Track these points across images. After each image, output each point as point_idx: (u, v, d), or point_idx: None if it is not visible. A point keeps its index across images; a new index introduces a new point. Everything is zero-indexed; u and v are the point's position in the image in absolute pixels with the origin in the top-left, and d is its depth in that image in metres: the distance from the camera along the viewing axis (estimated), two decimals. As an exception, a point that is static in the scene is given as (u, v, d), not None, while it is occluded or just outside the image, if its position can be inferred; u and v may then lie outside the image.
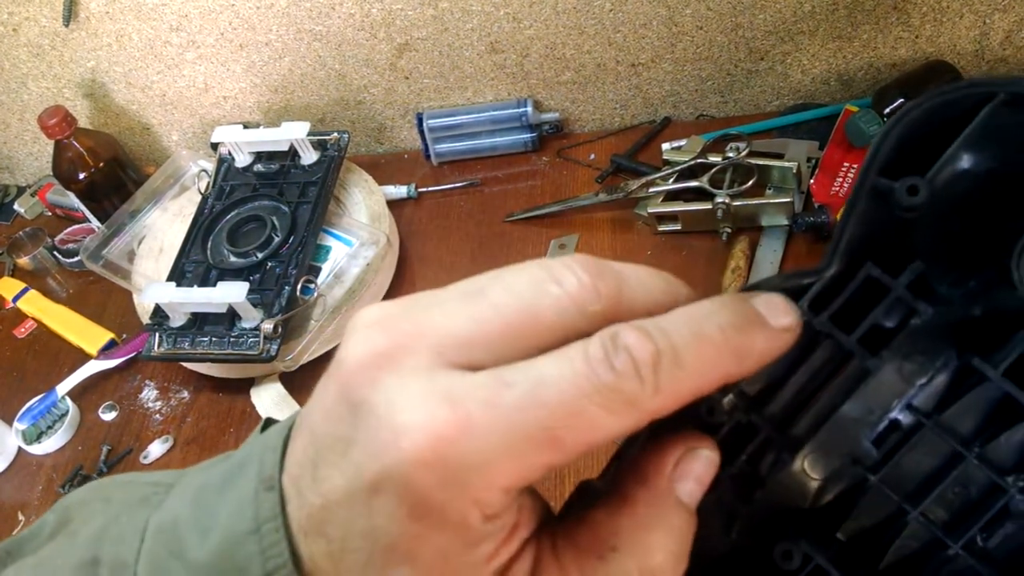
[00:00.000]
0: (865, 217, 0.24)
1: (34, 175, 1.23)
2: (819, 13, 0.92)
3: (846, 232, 0.24)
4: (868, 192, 0.24)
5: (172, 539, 0.24)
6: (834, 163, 0.90)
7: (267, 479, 0.23)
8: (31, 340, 1.01)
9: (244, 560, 0.23)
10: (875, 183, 0.23)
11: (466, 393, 0.20)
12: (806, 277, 0.23)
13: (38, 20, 1.03)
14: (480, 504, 0.20)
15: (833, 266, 0.24)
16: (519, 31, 0.97)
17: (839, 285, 0.24)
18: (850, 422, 0.24)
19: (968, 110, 0.23)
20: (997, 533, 0.24)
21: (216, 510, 0.24)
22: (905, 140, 0.23)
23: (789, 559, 0.24)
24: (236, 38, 1.02)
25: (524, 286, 0.22)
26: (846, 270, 0.24)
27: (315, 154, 0.91)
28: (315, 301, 0.84)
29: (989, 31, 0.92)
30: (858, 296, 0.24)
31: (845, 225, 0.24)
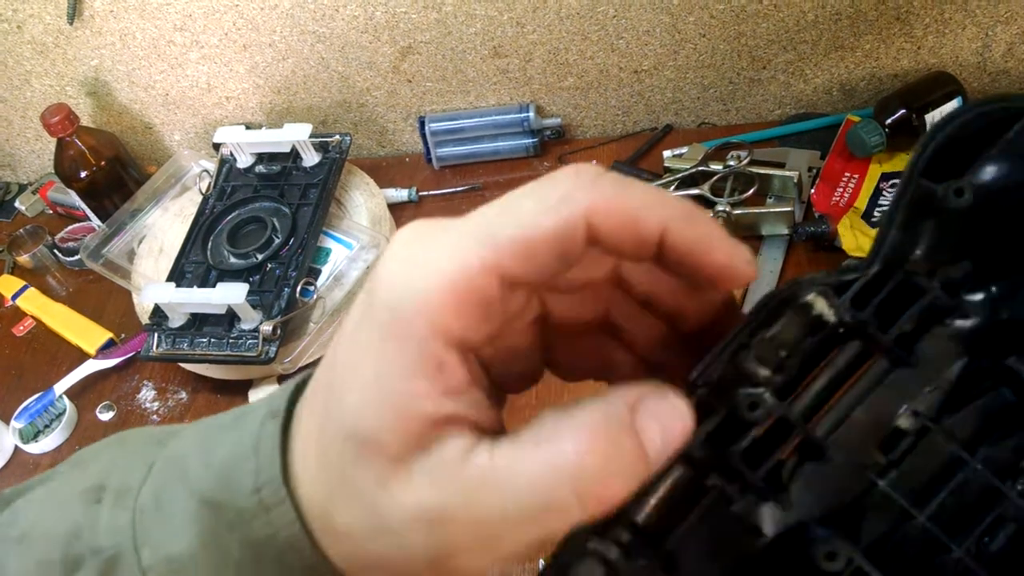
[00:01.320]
0: (908, 219, 0.24)
1: (36, 173, 1.23)
2: (822, 23, 0.92)
3: (890, 233, 0.24)
4: (913, 194, 0.24)
5: (177, 467, 0.26)
6: (835, 173, 0.90)
7: (274, 411, 0.25)
8: (30, 338, 1.01)
9: (239, 477, 0.24)
10: (920, 186, 0.24)
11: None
12: (849, 273, 0.24)
13: (42, 18, 1.03)
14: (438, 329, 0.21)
15: (876, 264, 0.24)
16: (522, 36, 0.98)
17: (878, 285, 0.24)
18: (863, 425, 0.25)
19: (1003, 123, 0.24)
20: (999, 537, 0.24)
21: (222, 441, 0.25)
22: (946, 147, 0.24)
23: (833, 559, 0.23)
24: (240, 39, 1.02)
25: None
26: (885, 270, 0.24)
27: (317, 156, 0.92)
28: (315, 303, 0.84)
29: (991, 43, 0.93)
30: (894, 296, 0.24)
31: (889, 224, 0.24)
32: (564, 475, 0.20)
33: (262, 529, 0.23)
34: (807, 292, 0.24)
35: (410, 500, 0.21)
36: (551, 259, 0.22)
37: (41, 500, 0.28)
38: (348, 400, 0.22)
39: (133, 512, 0.25)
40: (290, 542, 0.23)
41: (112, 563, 0.25)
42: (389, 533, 0.22)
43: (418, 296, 0.21)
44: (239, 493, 0.24)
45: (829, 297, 0.24)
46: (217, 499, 0.24)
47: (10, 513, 0.29)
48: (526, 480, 0.21)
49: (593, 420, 0.21)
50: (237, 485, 0.24)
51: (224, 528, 0.24)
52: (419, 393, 0.21)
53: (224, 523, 0.24)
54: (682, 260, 0.23)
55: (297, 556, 0.23)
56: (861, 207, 0.87)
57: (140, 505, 0.25)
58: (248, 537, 0.24)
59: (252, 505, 0.23)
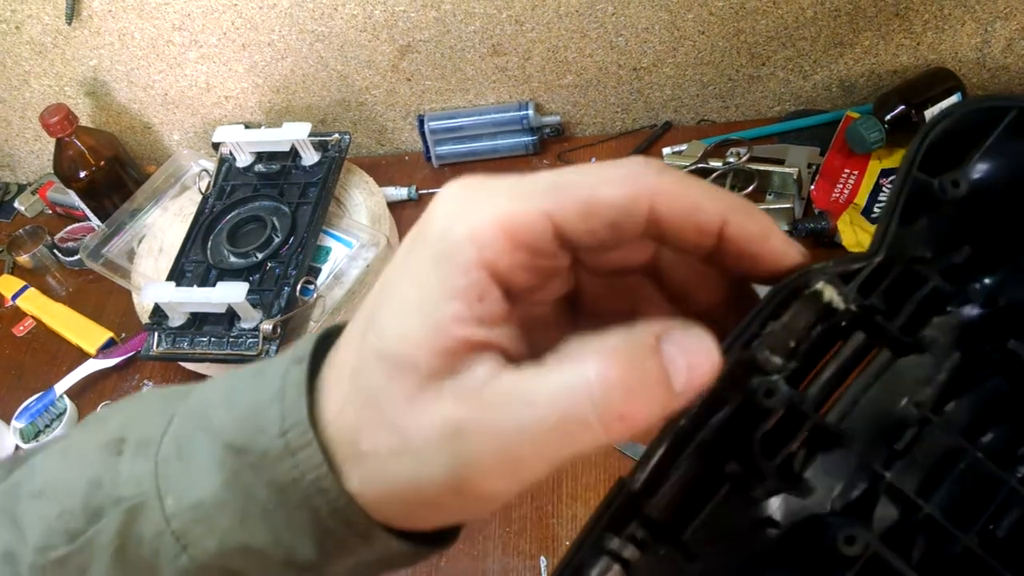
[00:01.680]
0: (907, 210, 0.25)
1: (35, 173, 1.23)
2: (821, 19, 0.92)
3: (891, 223, 0.25)
4: (911, 186, 0.25)
5: (199, 417, 0.25)
6: (835, 169, 0.90)
7: (298, 358, 0.25)
8: (30, 338, 1.01)
9: (264, 421, 0.24)
10: (916, 178, 0.25)
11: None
12: (856, 262, 0.24)
13: (41, 18, 1.03)
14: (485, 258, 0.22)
15: (878, 255, 0.25)
16: (521, 34, 0.97)
17: (882, 274, 0.25)
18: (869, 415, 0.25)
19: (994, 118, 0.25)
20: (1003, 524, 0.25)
21: (245, 390, 0.25)
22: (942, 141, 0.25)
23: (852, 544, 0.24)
24: (238, 38, 1.02)
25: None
26: (887, 260, 0.25)
27: (316, 155, 0.91)
28: (315, 302, 0.84)
29: (990, 39, 0.92)
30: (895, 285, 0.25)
31: (890, 216, 0.25)
32: (585, 392, 0.20)
33: (288, 472, 0.23)
34: (816, 280, 0.24)
35: (435, 416, 0.21)
36: (606, 227, 0.22)
37: (60, 454, 0.28)
38: (388, 322, 0.22)
39: (155, 462, 0.25)
40: (316, 484, 0.23)
41: (135, 512, 0.25)
42: (412, 453, 0.22)
43: (472, 227, 0.22)
44: (264, 437, 0.24)
45: (838, 285, 0.24)
46: (241, 444, 0.24)
47: (27, 469, 0.28)
48: (546, 397, 0.21)
49: (617, 343, 0.21)
50: (262, 430, 0.24)
51: (249, 471, 0.24)
52: (458, 317, 0.22)
53: (249, 466, 0.24)
54: (740, 251, 0.23)
55: (323, 499, 0.23)
56: (861, 203, 0.87)
57: (162, 454, 0.25)
58: (274, 480, 0.23)
59: (278, 448, 0.23)
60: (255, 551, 0.24)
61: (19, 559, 0.26)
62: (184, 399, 0.27)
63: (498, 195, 0.23)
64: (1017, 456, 0.25)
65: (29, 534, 0.26)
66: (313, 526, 0.24)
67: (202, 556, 0.24)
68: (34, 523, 0.26)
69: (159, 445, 0.26)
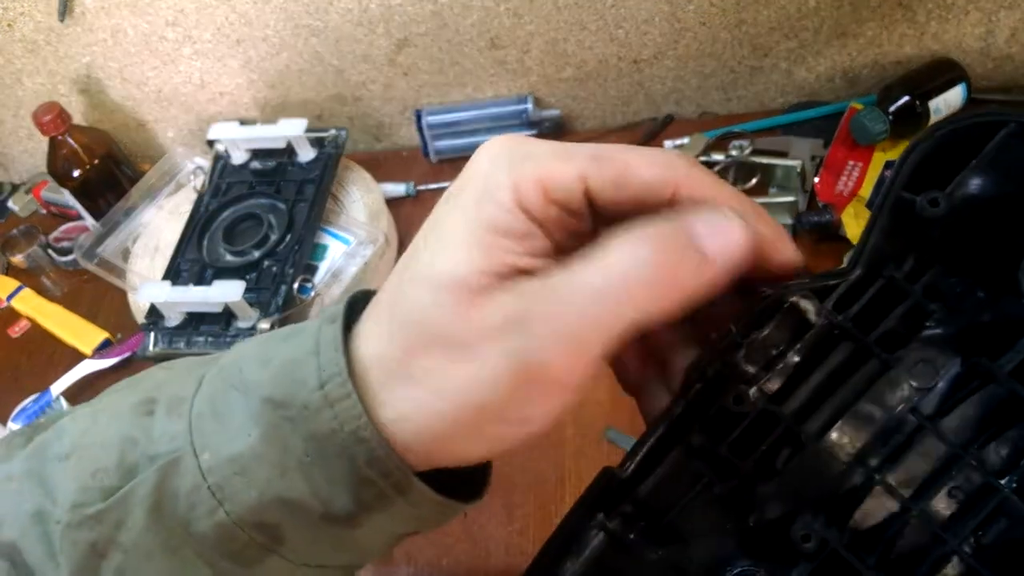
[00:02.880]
0: (888, 227, 0.26)
1: (28, 172, 1.22)
2: (824, 10, 0.91)
3: (871, 239, 0.26)
4: (892, 204, 0.26)
5: (233, 375, 0.26)
6: (838, 161, 0.89)
7: (331, 317, 0.26)
8: (25, 339, 1.00)
9: (302, 375, 0.24)
10: (899, 195, 0.26)
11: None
12: (832, 279, 0.26)
13: (33, 15, 1.02)
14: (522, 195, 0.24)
15: (857, 269, 0.26)
16: (520, 27, 0.96)
17: (860, 288, 0.26)
18: (860, 422, 0.26)
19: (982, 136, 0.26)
20: (991, 531, 0.25)
21: (278, 348, 0.26)
22: (926, 159, 0.26)
23: (807, 541, 0.25)
24: (232, 33, 1.01)
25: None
26: (867, 275, 0.26)
27: (312, 151, 0.91)
28: (312, 300, 0.83)
29: (995, 28, 0.91)
30: (878, 300, 0.26)
31: (870, 233, 0.26)
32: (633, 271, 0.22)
33: (327, 423, 0.24)
34: (792, 295, 0.26)
35: (495, 314, 0.22)
36: (632, 201, 0.24)
37: (89, 417, 0.28)
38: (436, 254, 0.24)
39: (189, 419, 0.26)
40: (356, 435, 0.24)
41: (171, 468, 0.25)
42: (471, 355, 0.22)
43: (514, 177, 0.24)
44: (303, 390, 0.24)
45: (813, 301, 0.26)
46: (280, 398, 0.24)
47: (53, 432, 0.28)
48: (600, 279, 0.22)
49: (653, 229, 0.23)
50: (299, 383, 0.24)
51: (288, 424, 0.24)
52: (508, 247, 0.23)
53: (288, 420, 0.24)
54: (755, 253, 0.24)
55: (362, 447, 0.24)
56: (865, 195, 0.86)
57: (196, 412, 0.26)
58: (312, 431, 0.24)
59: (317, 400, 0.24)
60: (293, 502, 0.24)
61: (49, 518, 0.26)
62: (213, 363, 0.27)
63: (540, 153, 0.24)
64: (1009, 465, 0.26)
65: (60, 494, 0.26)
66: (351, 476, 0.24)
67: (239, 510, 0.25)
68: (65, 482, 0.26)
69: (192, 403, 0.26)
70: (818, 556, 0.25)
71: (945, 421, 0.26)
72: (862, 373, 0.26)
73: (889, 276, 0.26)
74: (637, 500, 0.26)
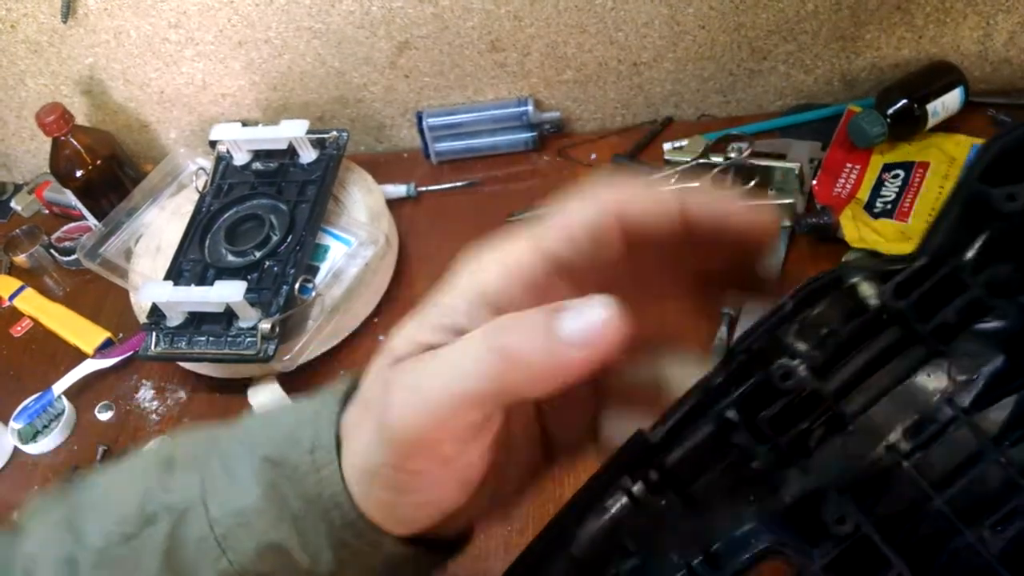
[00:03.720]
0: (960, 217, 0.26)
1: (31, 172, 1.22)
2: (822, 13, 0.92)
3: (940, 229, 0.26)
4: (967, 195, 0.26)
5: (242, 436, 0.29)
6: (837, 164, 0.90)
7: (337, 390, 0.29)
8: (27, 339, 1.00)
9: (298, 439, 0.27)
10: (975, 187, 0.25)
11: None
12: (896, 263, 0.25)
13: (36, 17, 1.02)
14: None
15: (923, 258, 0.25)
16: (520, 29, 0.97)
17: (923, 276, 0.25)
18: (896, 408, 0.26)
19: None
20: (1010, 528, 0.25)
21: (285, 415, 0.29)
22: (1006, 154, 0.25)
23: (842, 523, 0.25)
24: (235, 35, 1.01)
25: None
26: (931, 263, 0.25)
27: (314, 152, 0.91)
28: (313, 301, 0.83)
29: (993, 32, 0.92)
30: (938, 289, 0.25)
31: (940, 222, 0.26)
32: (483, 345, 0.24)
33: (313, 487, 0.26)
34: (853, 276, 0.25)
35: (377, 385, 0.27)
36: (590, 243, 0.25)
37: (116, 472, 0.31)
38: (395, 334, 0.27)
39: (201, 475, 0.28)
40: (333, 499, 0.26)
41: (182, 517, 0.28)
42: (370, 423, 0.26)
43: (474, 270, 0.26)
44: (297, 452, 0.27)
45: (875, 282, 0.25)
46: (278, 457, 0.27)
47: (88, 484, 0.32)
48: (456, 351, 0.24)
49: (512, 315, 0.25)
50: (296, 445, 0.27)
51: (286, 482, 0.27)
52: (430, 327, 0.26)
53: (285, 478, 0.27)
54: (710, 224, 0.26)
55: (338, 512, 0.26)
56: (863, 198, 0.86)
57: (208, 468, 0.28)
58: (303, 492, 0.27)
59: (307, 463, 0.27)
60: (285, 552, 0.27)
61: (79, 563, 0.29)
62: (228, 427, 0.30)
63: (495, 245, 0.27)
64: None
65: (88, 539, 0.29)
66: (331, 537, 0.27)
67: (242, 559, 0.27)
68: (93, 529, 0.29)
69: (206, 460, 0.29)
70: (848, 539, 0.25)
71: (980, 415, 0.26)
72: (907, 358, 0.26)
73: (953, 266, 0.25)
74: (664, 467, 0.26)
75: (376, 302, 0.90)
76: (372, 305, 0.90)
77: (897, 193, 0.86)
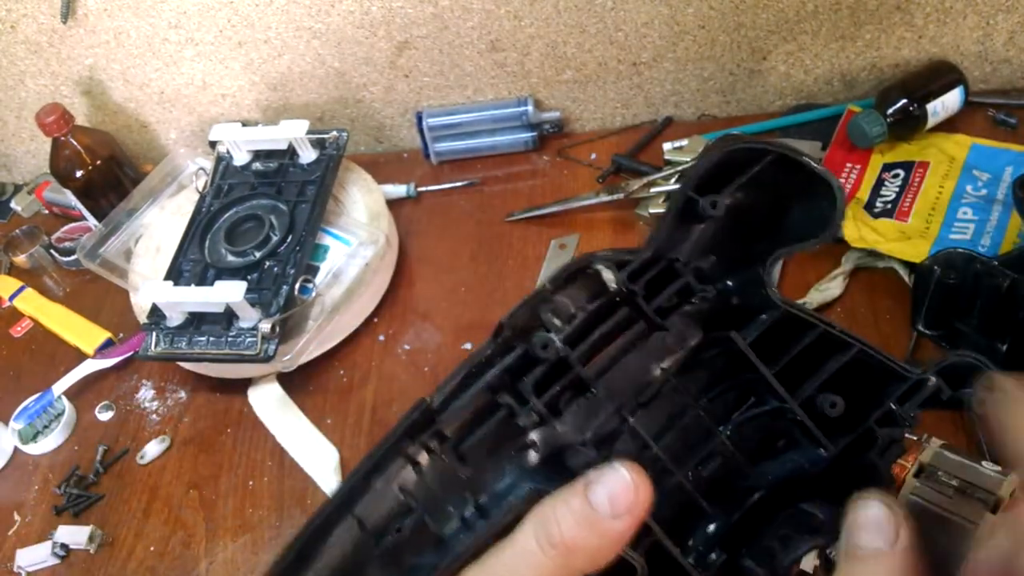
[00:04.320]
0: (676, 219, 0.33)
1: (31, 173, 1.22)
2: (822, 13, 0.92)
3: (662, 228, 0.33)
4: (682, 202, 0.32)
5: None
6: (836, 163, 0.90)
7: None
8: (27, 339, 1.00)
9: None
10: (688, 195, 0.32)
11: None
12: (629, 255, 0.32)
13: (36, 17, 1.02)
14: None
15: (648, 251, 0.32)
16: (520, 29, 0.97)
17: (648, 266, 0.32)
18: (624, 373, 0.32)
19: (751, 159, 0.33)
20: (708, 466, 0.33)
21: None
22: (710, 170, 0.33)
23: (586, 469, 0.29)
24: (235, 35, 1.01)
25: None
26: (655, 256, 0.32)
27: (314, 153, 0.91)
28: (313, 301, 0.83)
29: (992, 32, 0.92)
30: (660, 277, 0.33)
31: (663, 221, 0.33)
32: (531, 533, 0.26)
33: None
34: (597, 263, 0.31)
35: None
36: None
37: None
38: None
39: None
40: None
41: None
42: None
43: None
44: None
45: (613, 269, 0.31)
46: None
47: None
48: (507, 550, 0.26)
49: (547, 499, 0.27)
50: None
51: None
52: None
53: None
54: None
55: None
56: (863, 198, 0.86)
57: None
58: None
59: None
60: None
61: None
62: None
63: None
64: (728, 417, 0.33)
65: None
66: None
67: None
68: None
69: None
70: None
71: (684, 379, 0.33)
72: (633, 333, 0.32)
73: (671, 259, 0.32)
74: (439, 430, 0.30)
75: (376, 302, 0.90)
76: (372, 305, 0.90)
77: (897, 193, 0.86)
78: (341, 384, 0.86)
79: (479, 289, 0.90)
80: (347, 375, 0.86)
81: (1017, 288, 0.64)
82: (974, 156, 0.87)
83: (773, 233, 0.34)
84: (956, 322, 0.70)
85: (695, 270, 0.33)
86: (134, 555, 0.77)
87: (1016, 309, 0.65)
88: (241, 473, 0.81)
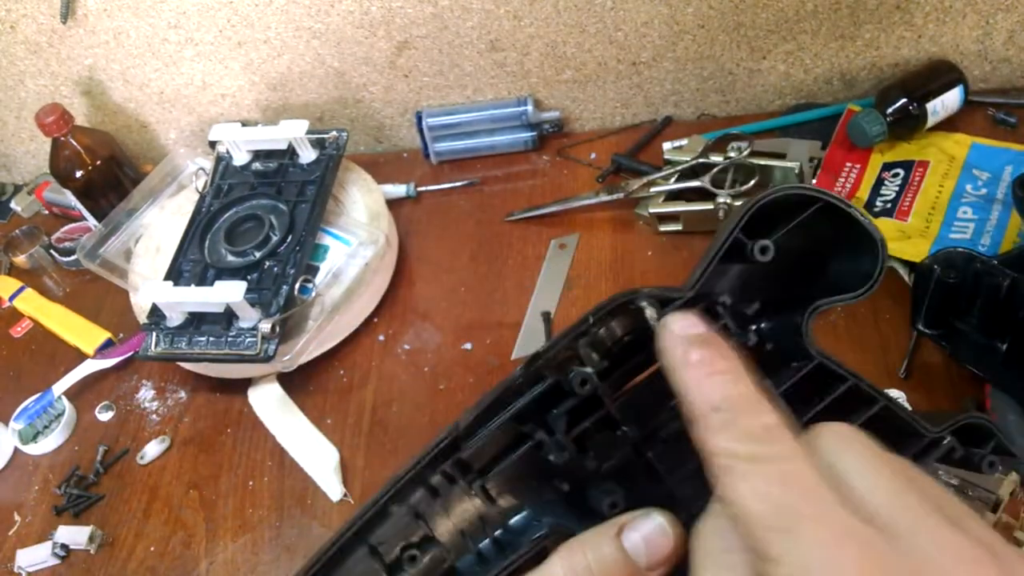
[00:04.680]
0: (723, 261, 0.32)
1: (31, 173, 1.22)
2: (822, 12, 0.92)
3: (708, 269, 0.31)
4: (730, 244, 0.31)
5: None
6: (836, 163, 0.90)
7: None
8: (27, 339, 1.00)
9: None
10: (736, 238, 0.31)
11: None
12: (674, 292, 0.31)
13: (36, 17, 1.02)
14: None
15: (691, 291, 0.31)
16: (519, 29, 0.97)
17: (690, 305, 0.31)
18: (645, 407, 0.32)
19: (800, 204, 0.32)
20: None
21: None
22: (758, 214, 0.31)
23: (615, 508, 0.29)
24: (234, 35, 1.01)
25: None
26: (698, 296, 0.31)
27: (313, 153, 0.91)
28: (313, 301, 0.83)
29: (992, 31, 0.92)
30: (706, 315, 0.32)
31: (709, 264, 0.31)
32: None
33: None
34: (641, 300, 0.30)
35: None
36: None
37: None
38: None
39: None
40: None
41: None
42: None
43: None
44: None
45: (656, 307, 0.30)
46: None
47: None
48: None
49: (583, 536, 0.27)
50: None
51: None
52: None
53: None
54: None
55: None
56: (863, 197, 0.86)
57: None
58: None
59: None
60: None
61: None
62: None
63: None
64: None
65: None
66: None
67: None
68: None
69: None
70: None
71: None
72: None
73: (712, 300, 0.32)
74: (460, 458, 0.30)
75: (376, 302, 0.90)
76: (372, 305, 0.90)
77: (897, 192, 0.86)
78: (341, 384, 0.86)
79: (479, 289, 0.90)
80: (347, 375, 0.86)
81: (1017, 287, 0.64)
82: (974, 155, 0.87)
83: (811, 281, 0.34)
84: (956, 321, 0.70)
85: (734, 313, 0.33)
86: (134, 555, 0.77)
87: (1016, 308, 0.65)
88: (241, 473, 0.81)
